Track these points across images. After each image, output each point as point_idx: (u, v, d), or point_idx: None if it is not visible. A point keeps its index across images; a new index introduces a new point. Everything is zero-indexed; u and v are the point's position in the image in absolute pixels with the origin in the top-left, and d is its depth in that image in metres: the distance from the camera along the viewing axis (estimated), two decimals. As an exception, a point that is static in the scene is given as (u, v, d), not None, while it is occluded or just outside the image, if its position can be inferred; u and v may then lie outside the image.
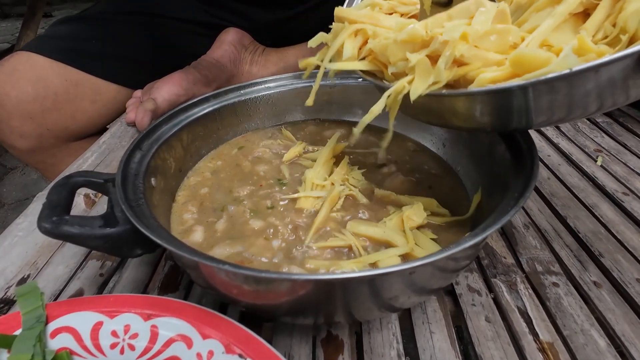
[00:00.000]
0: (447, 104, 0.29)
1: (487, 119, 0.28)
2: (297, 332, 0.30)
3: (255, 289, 0.25)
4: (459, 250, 0.22)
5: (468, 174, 0.40)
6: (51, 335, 0.26)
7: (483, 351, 0.29)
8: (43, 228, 0.26)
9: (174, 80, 0.60)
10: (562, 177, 0.48)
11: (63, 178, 0.31)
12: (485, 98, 0.26)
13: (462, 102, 0.28)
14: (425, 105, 0.30)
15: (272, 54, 0.70)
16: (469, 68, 0.25)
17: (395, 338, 0.30)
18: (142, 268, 0.37)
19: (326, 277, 0.22)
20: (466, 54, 0.25)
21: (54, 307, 0.28)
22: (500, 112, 0.27)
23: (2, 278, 0.36)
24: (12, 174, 1.64)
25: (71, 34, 0.68)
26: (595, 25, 0.25)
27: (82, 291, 0.35)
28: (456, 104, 0.28)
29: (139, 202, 0.29)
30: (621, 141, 0.56)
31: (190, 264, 0.26)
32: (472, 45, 0.25)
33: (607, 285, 0.34)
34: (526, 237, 0.39)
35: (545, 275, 0.35)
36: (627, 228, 0.40)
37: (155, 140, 0.37)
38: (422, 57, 0.26)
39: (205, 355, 0.25)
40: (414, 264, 0.21)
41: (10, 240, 0.40)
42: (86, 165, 0.52)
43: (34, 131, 0.63)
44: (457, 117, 0.30)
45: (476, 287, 0.34)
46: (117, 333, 0.27)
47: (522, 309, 0.32)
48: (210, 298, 0.34)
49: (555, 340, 0.30)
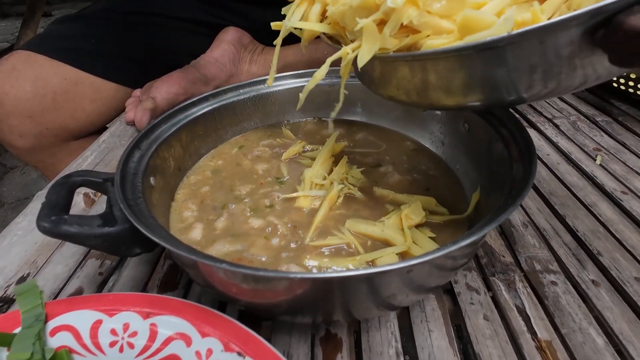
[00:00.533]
0: (401, 74, 0.28)
1: (444, 90, 0.27)
2: (296, 331, 0.31)
3: (254, 287, 0.25)
4: (456, 248, 0.22)
5: (467, 173, 0.40)
6: (50, 334, 0.27)
7: (481, 349, 0.29)
8: (42, 227, 0.26)
9: (173, 79, 0.61)
10: (561, 176, 0.48)
11: (62, 177, 0.31)
12: (432, 65, 0.25)
13: (411, 70, 0.27)
14: (387, 78, 0.29)
15: (271, 53, 0.70)
16: (419, 36, 0.25)
17: (394, 336, 0.30)
18: (141, 267, 0.37)
19: (324, 276, 0.22)
20: (416, 20, 0.23)
21: (53, 305, 0.28)
22: (454, 81, 0.26)
23: (2, 277, 0.36)
24: (12, 173, 1.65)
25: (70, 33, 0.68)
26: (553, 6, 0.24)
27: (81, 290, 0.35)
28: (407, 72, 0.27)
29: (138, 201, 0.29)
30: (620, 140, 0.56)
31: (188, 262, 0.26)
32: (424, 11, 0.24)
33: (605, 284, 0.34)
34: (525, 235, 0.39)
35: (543, 273, 0.35)
36: (625, 227, 0.40)
37: (154, 140, 0.37)
38: (369, 22, 0.24)
39: (204, 354, 0.25)
40: (412, 262, 0.21)
41: (10, 239, 0.40)
42: (85, 164, 0.52)
43: (33, 130, 0.63)
44: (422, 93, 0.28)
45: (475, 286, 0.34)
46: (117, 331, 0.27)
47: (521, 308, 0.32)
48: (209, 297, 0.34)
49: (554, 339, 0.30)
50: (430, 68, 0.26)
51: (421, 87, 0.27)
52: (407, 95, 0.29)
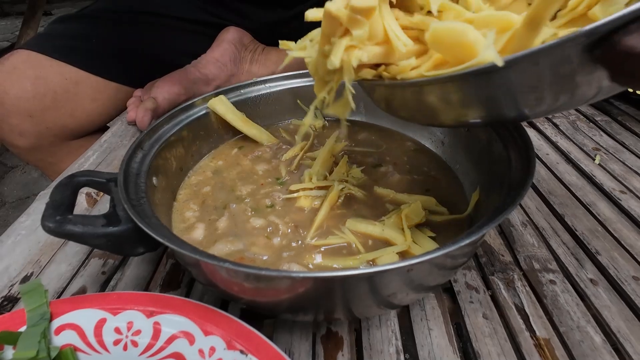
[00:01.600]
0: (399, 97, 0.28)
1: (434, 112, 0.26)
2: (298, 329, 0.31)
3: (256, 286, 0.25)
4: (456, 248, 0.22)
5: (466, 172, 0.40)
6: (55, 332, 0.27)
7: (480, 347, 0.29)
8: (47, 227, 0.27)
9: (175, 79, 0.61)
10: (560, 176, 0.49)
11: (66, 177, 0.31)
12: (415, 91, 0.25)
13: (396, 95, 0.27)
14: (390, 99, 0.29)
15: (272, 52, 0.70)
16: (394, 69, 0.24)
17: (394, 335, 0.30)
18: (143, 266, 0.37)
19: (326, 275, 0.22)
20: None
21: (57, 304, 0.28)
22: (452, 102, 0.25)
23: (6, 276, 0.37)
24: (12, 172, 1.65)
25: (71, 32, 0.68)
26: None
27: (84, 289, 0.35)
28: (395, 95, 0.27)
29: (141, 201, 0.30)
30: (619, 140, 0.56)
31: (192, 262, 0.27)
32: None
33: (603, 283, 0.34)
34: (524, 235, 0.40)
35: (542, 272, 0.35)
36: (623, 226, 0.40)
37: (156, 140, 0.38)
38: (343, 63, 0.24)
39: (207, 352, 0.25)
40: (412, 262, 0.22)
41: (14, 239, 0.41)
42: (87, 164, 0.53)
43: (33, 129, 0.63)
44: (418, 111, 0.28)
45: (474, 285, 0.34)
46: (121, 330, 0.27)
47: (519, 306, 0.32)
48: (212, 296, 0.34)
49: (552, 337, 0.30)
50: (414, 95, 0.25)
51: (414, 109, 0.27)
52: (405, 114, 0.29)
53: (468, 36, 0.20)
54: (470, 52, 0.20)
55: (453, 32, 0.20)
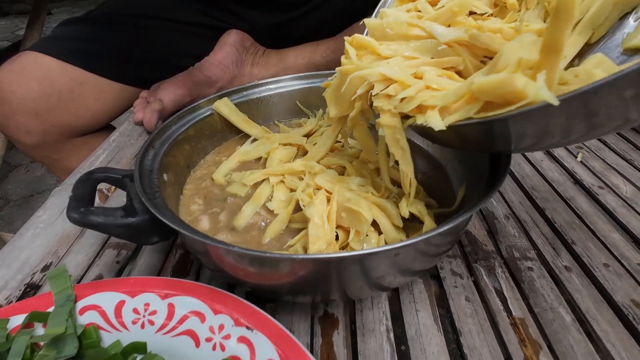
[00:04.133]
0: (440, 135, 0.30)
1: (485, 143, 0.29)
2: (297, 311, 0.34)
3: (260, 269, 0.28)
4: (436, 233, 0.25)
5: (455, 169, 0.43)
6: (80, 312, 0.30)
7: (462, 326, 0.33)
8: (72, 218, 0.30)
9: (179, 81, 0.64)
10: (544, 172, 0.52)
11: (85, 174, 0.34)
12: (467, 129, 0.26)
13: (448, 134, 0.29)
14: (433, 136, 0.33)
15: (272, 55, 0.72)
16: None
17: (385, 315, 0.34)
18: (155, 256, 0.40)
19: (322, 257, 0.25)
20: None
21: (81, 288, 0.31)
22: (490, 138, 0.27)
23: (27, 265, 0.40)
24: (16, 171, 1.67)
25: (76, 35, 0.70)
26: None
27: (101, 276, 0.38)
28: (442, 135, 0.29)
29: (156, 195, 0.33)
30: (601, 138, 0.59)
31: (202, 248, 0.30)
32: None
33: (576, 269, 0.38)
34: (506, 226, 0.43)
35: (521, 260, 0.39)
36: (599, 218, 0.44)
37: (166, 139, 0.41)
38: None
39: (217, 328, 0.28)
40: (398, 245, 0.25)
41: (33, 232, 0.44)
42: (98, 162, 0.56)
43: (39, 127, 0.66)
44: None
45: (458, 271, 0.38)
46: (138, 310, 0.30)
47: (499, 290, 0.36)
48: (219, 281, 0.37)
49: (527, 317, 0.33)
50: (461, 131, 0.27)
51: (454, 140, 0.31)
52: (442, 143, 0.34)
53: (516, 85, 0.21)
54: (520, 95, 0.21)
55: (500, 83, 0.21)
